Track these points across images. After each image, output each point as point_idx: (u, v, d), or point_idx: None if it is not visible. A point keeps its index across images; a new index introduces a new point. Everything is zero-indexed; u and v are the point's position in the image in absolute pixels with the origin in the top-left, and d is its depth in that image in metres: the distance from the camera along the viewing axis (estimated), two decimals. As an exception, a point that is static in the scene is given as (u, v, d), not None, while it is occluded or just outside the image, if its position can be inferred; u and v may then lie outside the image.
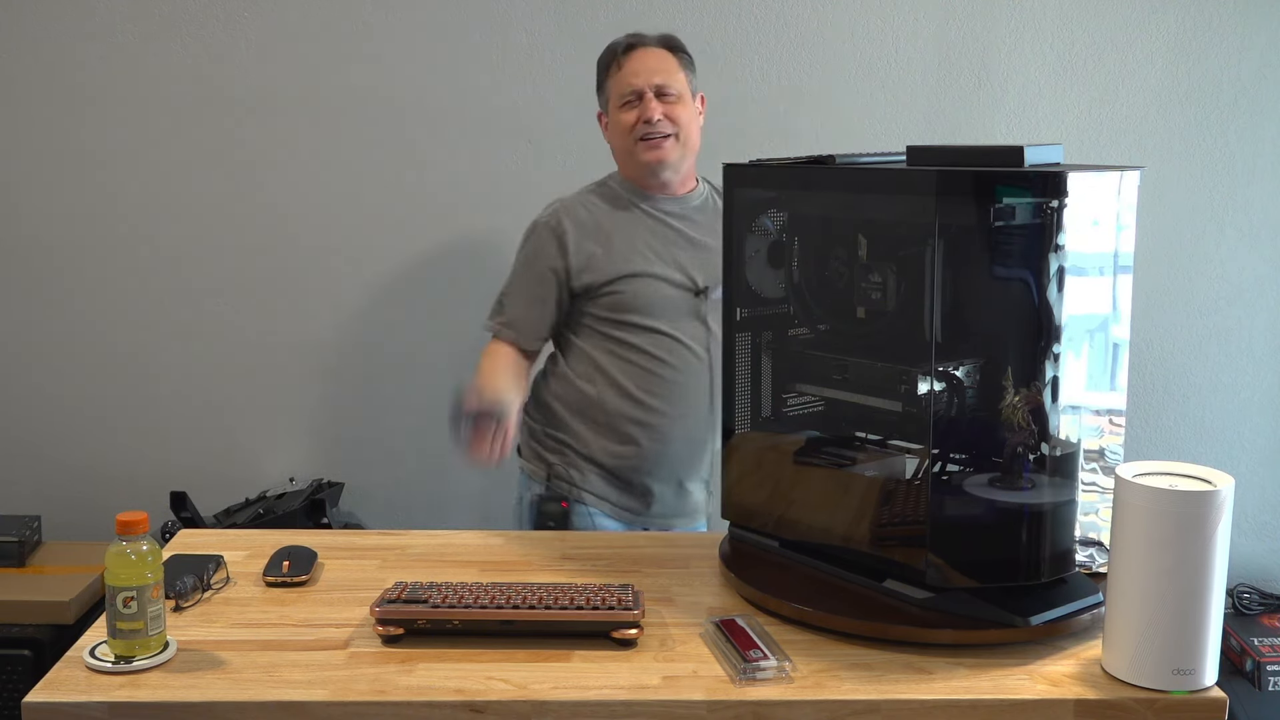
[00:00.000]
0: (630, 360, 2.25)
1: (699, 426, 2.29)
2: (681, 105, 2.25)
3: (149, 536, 1.50)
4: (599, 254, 2.24)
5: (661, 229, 2.28)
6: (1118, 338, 1.64)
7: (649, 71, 2.24)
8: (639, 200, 2.29)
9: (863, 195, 1.69)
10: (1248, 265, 3.14)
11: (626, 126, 2.24)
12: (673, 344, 2.25)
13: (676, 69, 2.27)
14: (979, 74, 3.07)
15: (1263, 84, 3.06)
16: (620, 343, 2.25)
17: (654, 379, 2.24)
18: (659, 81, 2.23)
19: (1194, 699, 1.42)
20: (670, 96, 2.24)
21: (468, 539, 1.99)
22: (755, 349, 1.81)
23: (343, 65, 3.02)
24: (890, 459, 1.67)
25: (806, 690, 1.45)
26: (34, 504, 3.06)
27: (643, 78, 2.23)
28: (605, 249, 2.25)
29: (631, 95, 2.23)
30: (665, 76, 2.24)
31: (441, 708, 1.43)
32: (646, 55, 2.26)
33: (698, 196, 2.35)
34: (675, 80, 2.25)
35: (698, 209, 2.33)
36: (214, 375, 3.13)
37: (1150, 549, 1.40)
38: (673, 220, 2.29)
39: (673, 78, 2.25)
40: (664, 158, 2.24)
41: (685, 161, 2.29)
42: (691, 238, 2.29)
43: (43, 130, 3.04)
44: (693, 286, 2.26)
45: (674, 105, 2.24)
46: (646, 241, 2.26)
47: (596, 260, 2.24)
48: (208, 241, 3.08)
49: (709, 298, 2.26)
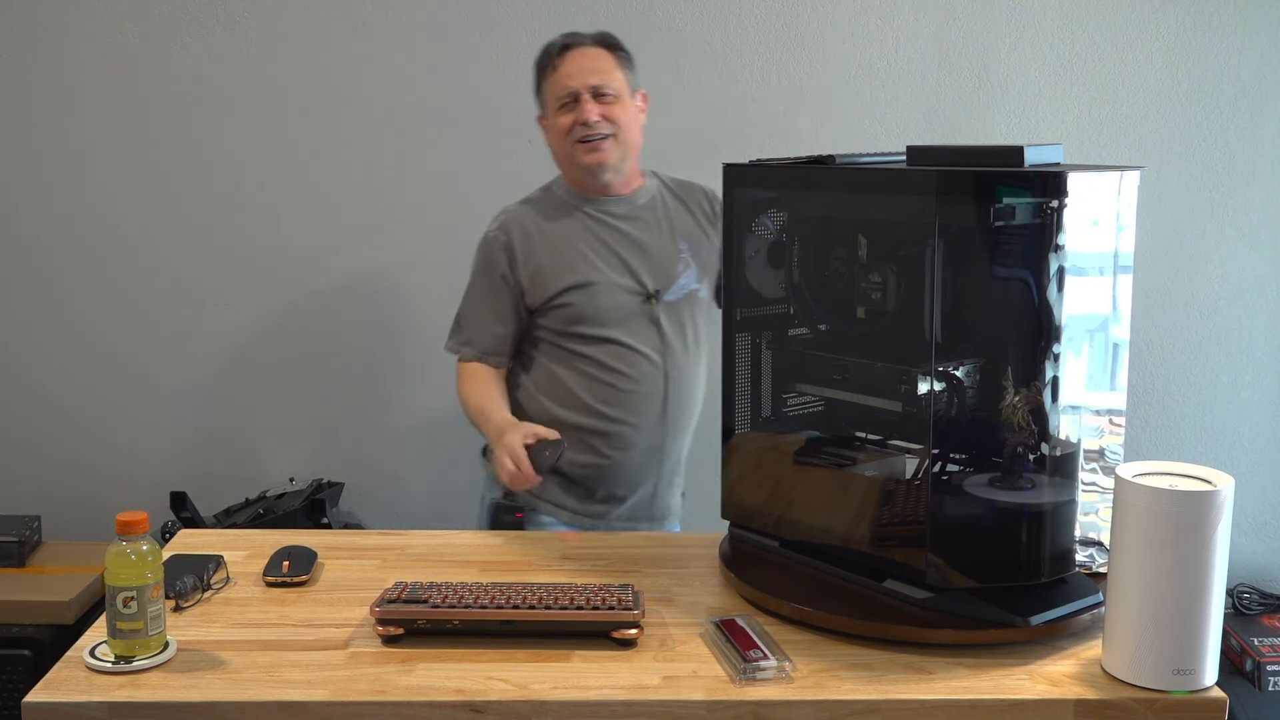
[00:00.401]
0: (585, 372, 2.21)
1: (657, 433, 2.26)
2: (619, 105, 2.20)
3: (149, 536, 1.50)
4: (546, 265, 2.20)
5: (608, 233, 2.23)
6: (1118, 338, 1.64)
7: (584, 72, 2.18)
8: (582, 204, 2.25)
9: (863, 195, 1.69)
10: (1248, 265, 3.14)
11: (564, 129, 2.19)
12: (627, 353, 2.21)
13: (613, 68, 2.20)
14: (979, 74, 3.07)
15: (1263, 84, 3.06)
16: (575, 355, 2.21)
17: (611, 390, 2.21)
18: (595, 82, 2.17)
19: (1194, 699, 1.43)
20: (607, 96, 2.18)
21: (468, 539, 1.99)
22: (755, 349, 1.81)
23: (343, 65, 3.02)
24: (890, 459, 1.67)
25: (806, 690, 1.45)
26: (34, 504, 3.06)
27: (578, 79, 2.17)
28: (551, 260, 2.20)
29: (567, 97, 2.18)
30: (601, 76, 2.18)
31: (441, 708, 1.43)
32: (581, 56, 2.20)
33: (644, 194, 2.29)
34: (612, 79, 2.19)
35: (645, 207, 2.28)
36: (214, 375, 3.13)
37: (1150, 549, 1.40)
38: (619, 223, 2.24)
39: (609, 77, 2.19)
40: (603, 159, 2.18)
41: (626, 162, 2.23)
42: (638, 240, 2.24)
43: (43, 130, 3.04)
44: (643, 290, 2.21)
45: (611, 105, 2.18)
46: (592, 247, 2.22)
47: (544, 272, 2.20)
48: (208, 241, 3.08)
49: (661, 300, 2.22)
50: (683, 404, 2.28)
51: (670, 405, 2.25)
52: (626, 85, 2.22)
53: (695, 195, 2.34)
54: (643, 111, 2.27)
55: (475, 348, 2.25)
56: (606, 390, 2.21)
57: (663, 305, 2.22)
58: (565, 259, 2.20)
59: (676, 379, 2.25)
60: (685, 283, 2.25)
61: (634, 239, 2.24)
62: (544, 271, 2.20)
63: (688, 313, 2.26)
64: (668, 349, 2.23)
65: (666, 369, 2.23)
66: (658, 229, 2.26)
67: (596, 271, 2.20)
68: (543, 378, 2.25)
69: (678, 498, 2.38)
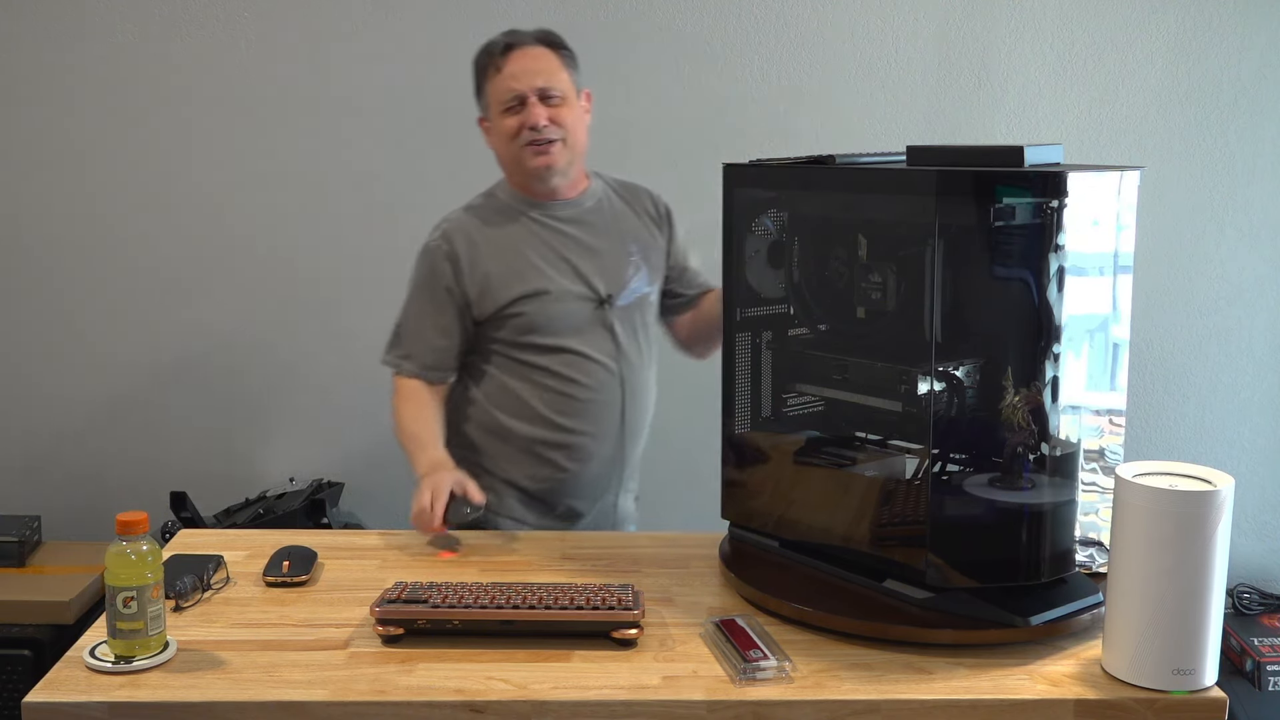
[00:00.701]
0: (541, 384, 2.13)
1: (616, 442, 2.19)
2: (567, 107, 2.11)
3: (149, 536, 1.50)
4: (494, 275, 2.11)
5: (556, 238, 2.15)
6: (1118, 338, 1.64)
7: (530, 74, 2.09)
8: (528, 209, 2.16)
9: (863, 195, 1.69)
10: (1248, 265, 3.14)
11: (510, 132, 2.10)
12: (582, 361, 2.13)
13: (559, 68, 2.12)
14: (979, 74, 3.07)
15: (1263, 84, 3.06)
16: (529, 366, 2.13)
17: (567, 400, 2.13)
18: (541, 84, 2.09)
19: (1194, 699, 1.43)
20: (555, 99, 2.09)
21: (468, 539, 1.98)
22: (755, 349, 1.81)
23: (343, 65, 3.03)
24: (890, 459, 1.67)
25: (806, 690, 1.45)
26: (34, 504, 3.06)
27: (524, 80, 2.08)
28: (500, 268, 2.12)
29: (513, 100, 2.08)
30: (548, 78, 2.09)
31: (441, 708, 1.43)
32: (525, 56, 2.11)
33: (590, 197, 2.21)
34: (558, 81, 2.10)
35: (592, 210, 2.20)
36: (214, 375, 3.13)
37: (1150, 549, 1.40)
38: (567, 227, 2.16)
39: (555, 78, 2.10)
40: (552, 164, 2.10)
41: (574, 165, 2.15)
42: (588, 244, 2.16)
43: (43, 130, 3.04)
44: (596, 296, 2.14)
45: (559, 108, 2.10)
46: (542, 254, 2.13)
47: (492, 282, 2.11)
48: (207, 241, 3.09)
49: (614, 305, 2.15)
50: (639, 410, 2.22)
51: (628, 412, 2.19)
52: (572, 86, 2.14)
53: (640, 197, 2.27)
54: (587, 112, 2.19)
55: (416, 362, 2.15)
56: (563, 401, 2.14)
57: (616, 310, 2.15)
58: (514, 267, 2.12)
59: (633, 385, 2.18)
60: (637, 286, 2.18)
61: (584, 243, 2.16)
62: (492, 281, 2.12)
63: (640, 316, 2.20)
64: (623, 355, 2.16)
65: (623, 375, 2.17)
66: (607, 232, 2.18)
67: (547, 279, 2.12)
68: (495, 390, 2.17)
69: (632, 502, 2.31)
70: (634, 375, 2.19)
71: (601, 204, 2.22)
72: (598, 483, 2.20)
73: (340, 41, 3.01)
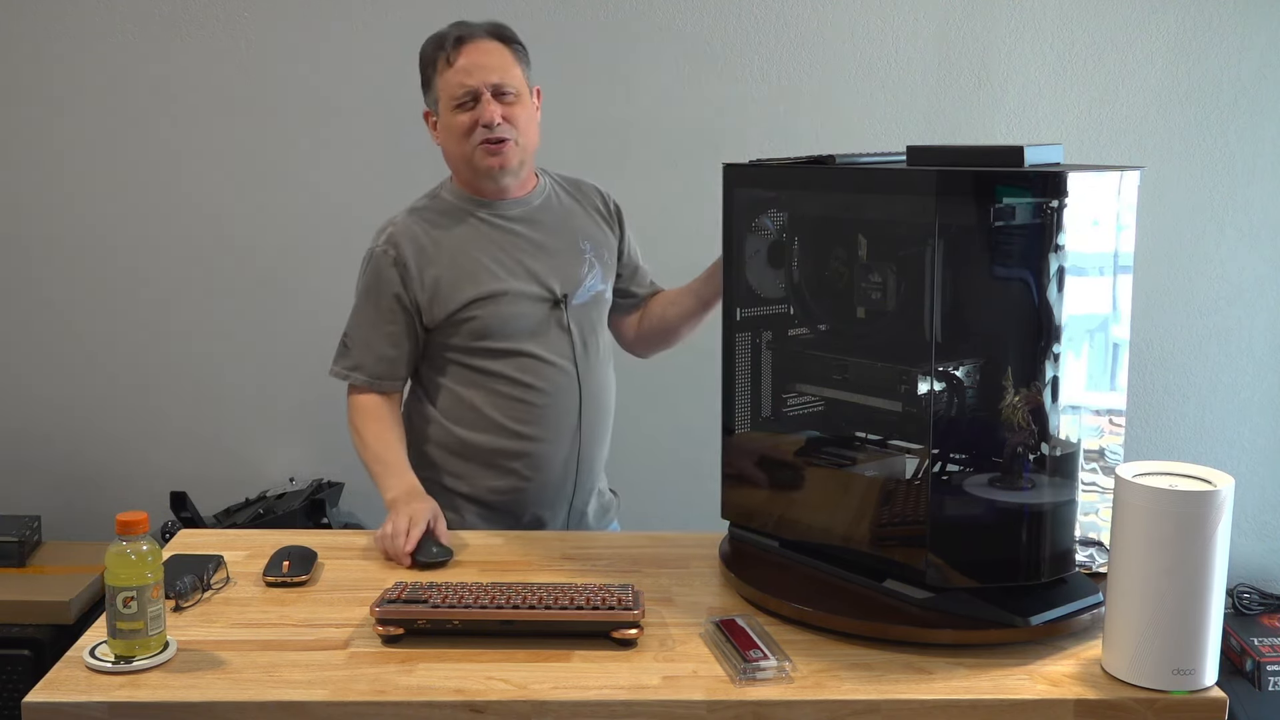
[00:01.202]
0: (498, 391, 2.07)
1: (571, 445, 2.13)
2: (520, 105, 2.04)
3: (149, 536, 1.50)
4: (444, 279, 2.05)
5: (506, 238, 2.09)
6: (1118, 338, 1.64)
7: (483, 69, 2.01)
8: (476, 209, 2.10)
9: (863, 195, 1.69)
10: (1248, 265, 3.14)
11: (462, 130, 2.03)
12: (539, 365, 2.08)
13: (512, 63, 2.04)
14: (979, 74, 3.07)
15: (1263, 84, 3.06)
16: (485, 373, 2.07)
17: (525, 407, 2.08)
18: (495, 80, 2.01)
19: (1194, 699, 1.42)
20: (508, 96, 2.03)
21: (467, 539, 1.98)
22: (755, 349, 1.81)
23: (343, 65, 3.03)
24: (890, 459, 1.67)
25: (806, 690, 1.45)
26: (34, 504, 3.06)
27: (477, 76, 2.01)
28: (450, 272, 2.05)
29: (466, 96, 2.01)
30: (502, 74, 2.02)
31: (441, 708, 1.42)
32: (479, 50, 2.03)
33: (539, 194, 2.15)
34: (512, 77, 2.03)
35: (541, 208, 2.14)
36: (214, 375, 3.14)
37: (1150, 549, 1.40)
38: (518, 226, 2.10)
39: (509, 74, 2.03)
40: (505, 163, 2.04)
41: (525, 165, 2.09)
42: (540, 242, 2.10)
43: (44, 131, 3.04)
44: (551, 296, 2.08)
45: (512, 106, 2.03)
46: (493, 256, 2.07)
47: (442, 287, 2.05)
48: (207, 241, 3.09)
49: (569, 305, 2.10)
50: (597, 411, 2.16)
51: (585, 414, 2.12)
52: (525, 82, 2.07)
53: (588, 194, 2.22)
54: (539, 109, 2.12)
55: (366, 373, 2.10)
56: (520, 407, 2.08)
57: (572, 310, 2.10)
58: (465, 270, 2.05)
59: (590, 386, 2.13)
60: (592, 284, 2.14)
61: (535, 242, 2.11)
62: (442, 286, 2.05)
63: (596, 315, 2.16)
64: (579, 356, 2.11)
65: (580, 377, 2.11)
66: (558, 230, 2.13)
67: (500, 280, 2.06)
68: (451, 405, 2.11)
69: (598, 502, 2.24)
70: (591, 376, 2.13)
71: (550, 201, 2.16)
72: (559, 489, 2.14)
73: (341, 41, 3.01)
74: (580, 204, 2.21)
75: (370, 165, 3.06)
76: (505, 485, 2.12)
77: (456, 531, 2.05)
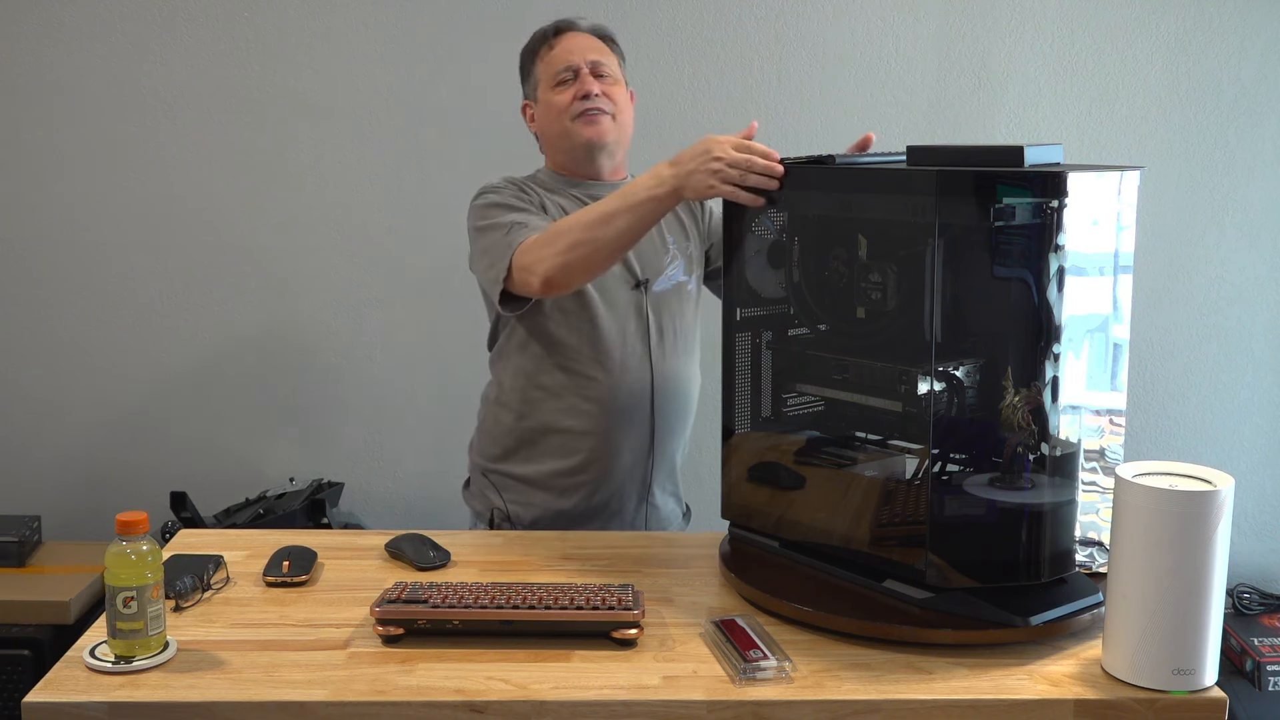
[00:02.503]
0: (569, 369, 2.08)
1: (645, 432, 2.13)
2: (618, 87, 2.14)
3: (149, 536, 1.50)
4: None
5: None
6: (1118, 338, 1.64)
7: (583, 50, 2.11)
8: (570, 188, 2.14)
9: (863, 195, 1.68)
10: (1248, 265, 3.14)
11: (562, 106, 2.09)
12: (612, 345, 2.08)
13: (610, 53, 2.15)
14: (979, 74, 3.07)
15: (1263, 84, 3.06)
16: (559, 351, 2.08)
17: (594, 384, 2.08)
18: (594, 58, 2.11)
19: (1194, 699, 1.43)
20: (607, 76, 2.12)
21: (468, 539, 1.98)
22: (755, 349, 1.81)
23: (344, 64, 3.03)
24: (890, 459, 1.67)
25: (806, 690, 1.45)
26: (34, 504, 3.06)
27: (577, 55, 2.10)
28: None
29: (566, 72, 2.09)
30: (600, 55, 2.12)
31: (441, 708, 1.42)
32: (579, 37, 2.14)
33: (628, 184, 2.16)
34: (610, 61, 2.14)
35: None
36: (214, 375, 3.14)
37: (1150, 549, 1.40)
38: None
39: (607, 58, 2.13)
40: (603, 135, 2.10)
41: (620, 147, 2.16)
42: None
43: (44, 131, 3.04)
44: (633, 277, 2.10)
45: (611, 85, 2.12)
46: None
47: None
48: (207, 241, 3.09)
49: (650, 290, 2.11)
50: (673, 401, 2.16)
51: (659, 403, 2.13)
52: (621, 74, 2.17)
53: None
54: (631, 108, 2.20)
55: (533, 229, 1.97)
56: (590, 385, 2.08)
57: (651, 295, 2.11)
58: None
59: (664, 373, 2.13)
60: (674, 274, 2.15)
61: None
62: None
63: (677, 305, 2.16)
64: (654, 343, 2.12)
65: (653, 363, 2.12)
66: None
67: None
68: (523, 383, 2.12)
69: (673, 503, 2.25)
70: (666, 363, 2.13)
71: None
72: (629, 476, 2.14)
73: (341, 41, 3.01)
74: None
75: (370, 165, 3.06)
76: (572, 466, 2.10)
77: (457, 532, 2.05)
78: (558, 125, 2.11)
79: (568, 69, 2.10)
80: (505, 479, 2.16)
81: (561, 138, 2.12)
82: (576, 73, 2.09)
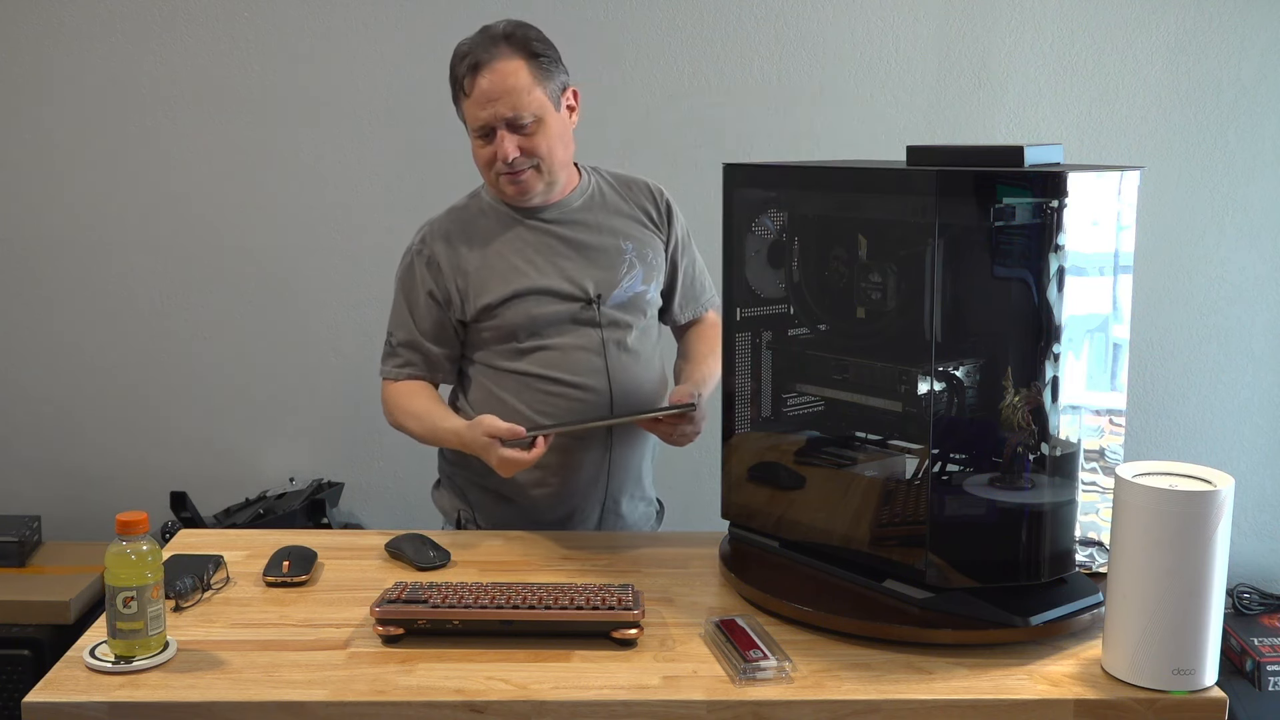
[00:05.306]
0: (526, 386, 2.06)
1: (606, 443, 2.10)
2: (540, 132, 1.99)
3: (149, 536, 1.50)
4: (474, 278, 2.06)
5: (541, 239, 2.08)
6: (1118, 338, 1.64)
7: (496, 102, 1.96)
8: (513, 212, 2.09)
9: (863, 195, 1.69)
10: (1248, 265, 3.14)
11: (485, 160, 2.02)
12: (567, 361, 2.06)
13: (530, 85, 1.97)
14: (979, 74, 3.07)
15: (1263, 84, 3.06)
16: (513, 371, 2.07)
17: (551, 400, 2.06)
18: (509, 115, 1.97)
19: (1194, 699, 1.43)
20: (525, 127, 1.98)
21: (468, 539, 1.98)
22: (755, 349, 1.81)
23: (344, 64, 3.03)
24: (890, 459, 1.67)
25: (806, 690, 1.45)
26: (34, 504, 3.06)
27: (489, 110, 1.97)
28: (482, 271, 2.06)
29: (483, 130, 2.00)
30: (514, 103, 1.96)
31: (441, 708, 1.43)
32: (494, 76, 1.96)
33: (579, 194, 2.12)
34: (529, 102, 1.97)
35: (581, 209, 2.11)
36: (214, 375, 3.14)
37: (1150, 549, 1.41)
38: (555, 228, 2.09)
39: (525, 100, 1.97)
40: (527, 191, 2.03)
41: (555, 183, 2.06)
42: (578, 242, 2.08)
43: (44, 131, 3.04)
44: (583, 296, 2.06)
45: (531, 136, 1.99)
46: (527, 256, 2.06)
47: (472, 285, 2.06)
48: (208, 241, 3.09)
49: (604, 305, 2.07)
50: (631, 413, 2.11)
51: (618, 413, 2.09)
52: (547, 100, 2.00)
53: (638, 192, 2.18)
54: (574, 111, 2.08)
55: (416, 368, 2.12)
56: (547, 400, 2.06)
57: (605, 310, 2.08)
58: (495, 270, 2.06)
59: (623, 386, 2.09)
60: (631, 285, 2.11)
61: (572, 243, 2.09)
62: (472, 284, 2.06)
63: (634, 315, 2.12)
64: (611, 355, 2.08)
65: (610, 375, 2.07)
66: (597, 230, 2.10)
67: (528, 279, 2.05)
68: (481, 397, 2.10)
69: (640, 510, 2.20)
70: (625, 374, 2.10)
71: (592, 200, 2.14)
72: (590, 488, 2.12)
73: (341, 41, 3.01)
74: (627, 203, 2.17)
75: (370, 165, 3.07)
76: (532, 479, 2.08)
77: (457, 532, 2.05)
78: (485, 173, 2.07)
79: (483, 127, 2.00)
80: (469, 484, 2.15)
81: (491, 184, 2.08)
82: (493, 132, 2.00)
